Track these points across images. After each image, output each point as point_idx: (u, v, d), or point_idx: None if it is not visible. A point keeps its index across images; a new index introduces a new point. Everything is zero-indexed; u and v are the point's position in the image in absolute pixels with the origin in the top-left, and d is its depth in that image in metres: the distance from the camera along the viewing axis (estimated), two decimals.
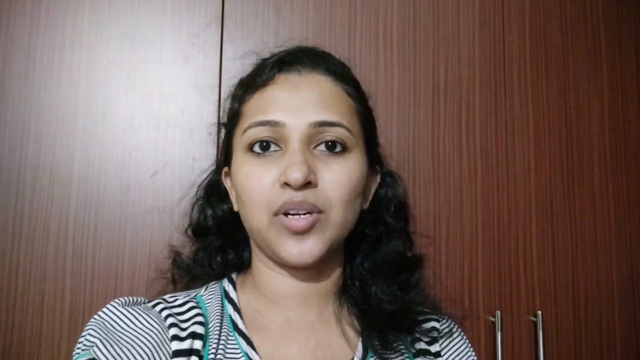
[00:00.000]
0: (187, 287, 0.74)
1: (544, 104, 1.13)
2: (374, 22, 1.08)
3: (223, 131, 0.71)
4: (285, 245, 0.57)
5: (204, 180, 0.76)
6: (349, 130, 0.59)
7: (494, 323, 1.02)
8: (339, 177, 0.58)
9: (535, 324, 1.04)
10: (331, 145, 0.58)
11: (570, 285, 1.09)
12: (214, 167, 0.78)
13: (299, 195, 0.55)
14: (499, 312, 1.03)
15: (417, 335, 0.65)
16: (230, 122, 0.67)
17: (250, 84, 0.64)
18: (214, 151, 0.98)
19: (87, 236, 0.93)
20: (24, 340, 0.89)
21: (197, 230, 0.74)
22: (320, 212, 0.57)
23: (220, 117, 0.98)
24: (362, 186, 0.61)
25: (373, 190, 0.68)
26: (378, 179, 0.69)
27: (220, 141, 0.97)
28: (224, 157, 0.69)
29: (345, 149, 0.59)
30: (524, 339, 1.05)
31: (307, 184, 0.56)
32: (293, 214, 0.56)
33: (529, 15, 1.15)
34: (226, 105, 0.70)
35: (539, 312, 1.04)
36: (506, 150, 1.10)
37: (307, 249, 0.56)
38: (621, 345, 1.10)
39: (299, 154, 0.56)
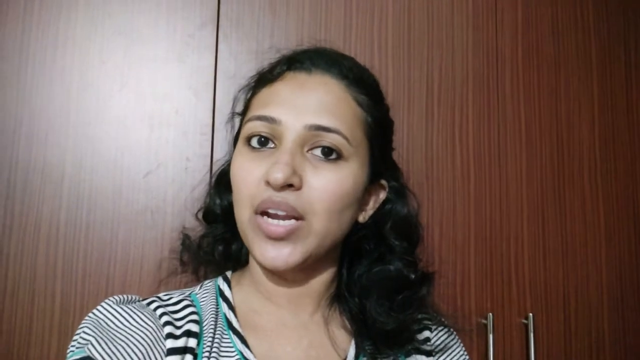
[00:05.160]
0: (195, 272, 0.75)
1: (535, 108, 1.14)
2: (369, 25, 1.08)
3: (220, 128, 0.71)
4: (261, 247, 0.56)
5: (220, 167, 0.75)
6: (346, 138, 0.57)
7: (485, 325, 1.03)
8: (327, 185, 0.56)
9: (526, 326, 1.05)
10: (326, 151, 0.57)
11: (561, 288, 1.10)
12: (208, 171, 0.77)
13: (279, 196, 0.54)
14: (490, 314, 1.04)
15: (410, 347, 0.64)
16: (242, 112, 0.67)
17: (262, 78, 0.63)
18: (208, 151, 0.97)
19: (79, 236, 0.92)
20: (13, 341, 0.87)
21: (206, 215, 0.73)
22: (300, 218, 0.55)
23: (215, 118, 0.98)
24: (354, 197, 0.59)
25: (376, 205, 0.66)
26: (383, 194, 0.67)
27: (215, 142, 0.98)
28: (234, 146, 0.68)
29: (340, 157, 0.57)
30: (515, 342, 1.06)
31: (289, 186, 0.54)
32: (272, 214, 0.55)
33: (521, 21, 1.16)
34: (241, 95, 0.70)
35: (530, 314, 1.05)
36: (498, 154, 1.11)
37: (283, 256, 0.55)
38: (610, 348, 1.12)
39: (287, 154, 0.55)
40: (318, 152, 0.57)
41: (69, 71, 0.95)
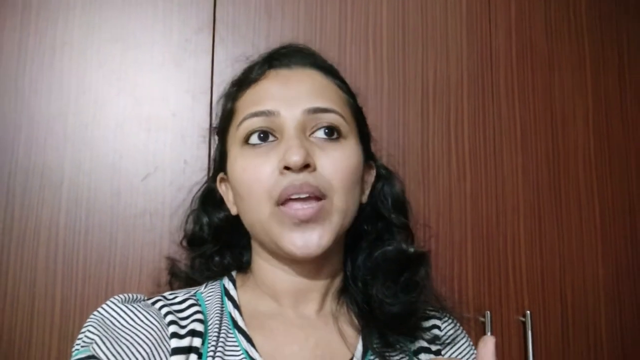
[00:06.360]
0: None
1: (530, 106, 1.15)
2: (363, 27, 1.09)
3: (216, 137, 0.71)
4: (290, 237, 0.56)
5: (198, 191, 0.75)
6: (342, 116, 0.60)
7: (483, 323, 1.04)
8: (337, 163, 0.58)
9: (524, 324, 1.06)
10: (327, 132, 0.59)
11: (558, 285, 1.11)
12: (206, 174, 0.77)
13: (299, 179, 0.55)
14: (488, 312, 1.04)
15: (419, 338, 0.64)
16: (223, 122, 0.66)
17: (243, 82, 0.65)
18: (206, 154, 0.98)
19: (78, 240, 0.92)
20: (13, 344, 0.88)
21: (193, 241, 0.73)
22: (323, 196, 0.56)
23: (212, 121, 0.99)
24: (359, 174, 0.62)
25: (370, 184, 0.68)
26: (374, 173, 0.70)
27: (212, 144, 0.98)
28: (218, 163, 0.68)
29: (340, 135, 0.60)
30: (513, 339, 1.06)
31: (307, 167, 0.56)
32: (295, 199, 0.55)
33: (514, 20, 1.17)
34: (218, 108, 0.70)
35: (528, 312, 1.06)
36: (494, 152, 1.11)
37: (314, 239, 0.56)
38: (607, 344, 1.12)
39: (296, 138, 0.56)
40: (321, 133, 0.59)
41: (67, 76, 0.96)
